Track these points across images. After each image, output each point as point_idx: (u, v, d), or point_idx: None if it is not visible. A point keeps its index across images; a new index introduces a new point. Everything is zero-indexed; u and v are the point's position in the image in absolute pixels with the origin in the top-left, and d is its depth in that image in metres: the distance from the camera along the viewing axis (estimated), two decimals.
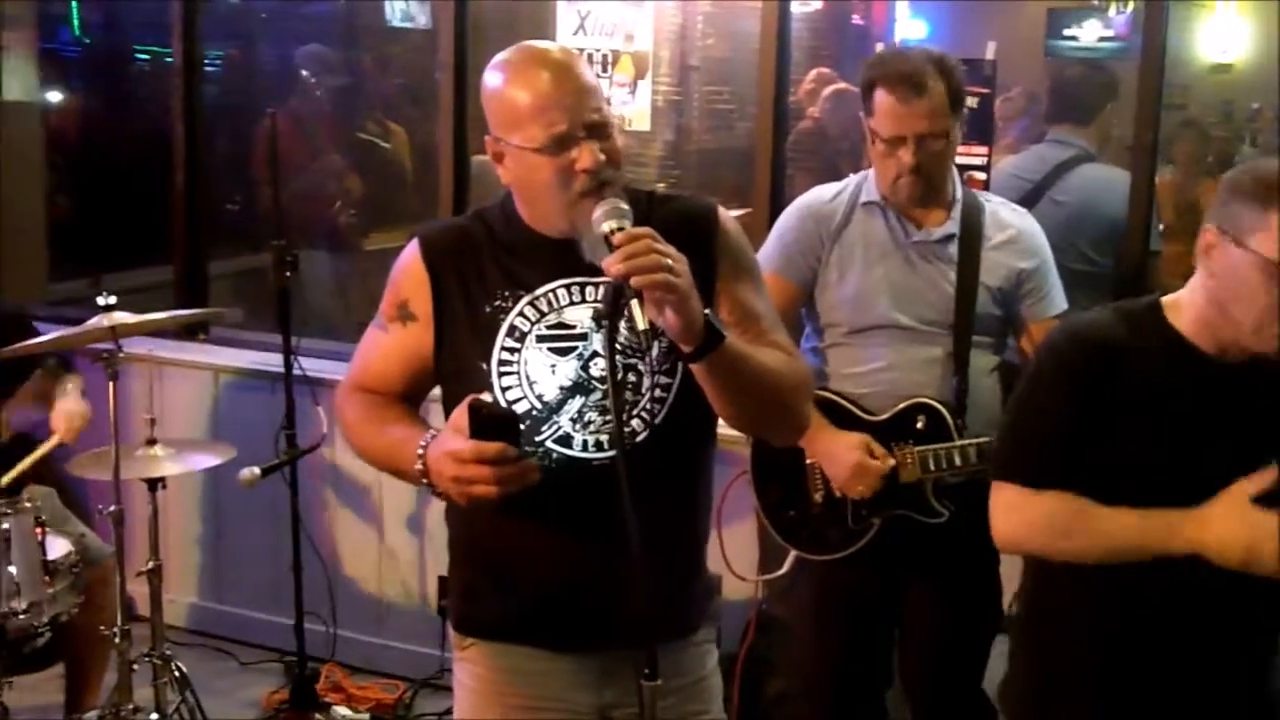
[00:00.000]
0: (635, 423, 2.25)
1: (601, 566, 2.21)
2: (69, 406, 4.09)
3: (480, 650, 2.42)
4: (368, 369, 2.43)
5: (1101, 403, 2.32)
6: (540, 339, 2.25)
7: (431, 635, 4.81)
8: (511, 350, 2.27)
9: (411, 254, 2.36)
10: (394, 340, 2.38)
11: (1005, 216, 3.30)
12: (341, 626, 4.81)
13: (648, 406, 2.25)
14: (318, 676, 4.63)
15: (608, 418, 2.23)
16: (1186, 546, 2.24)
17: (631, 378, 2.24)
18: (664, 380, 2.26)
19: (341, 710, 4.49)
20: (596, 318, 2.13)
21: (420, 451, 2.18)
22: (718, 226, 2.35)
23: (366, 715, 4.53)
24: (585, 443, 2.25)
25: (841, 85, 5.06)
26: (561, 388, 2.25)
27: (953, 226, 3.21)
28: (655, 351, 2.21)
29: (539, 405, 2.25)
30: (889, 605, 3.37)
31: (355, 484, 4.89)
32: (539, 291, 2.27)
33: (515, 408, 2.25)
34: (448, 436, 2.14)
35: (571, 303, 2.27)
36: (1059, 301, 3.32)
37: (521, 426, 2.15)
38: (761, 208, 4.30)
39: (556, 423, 2.24)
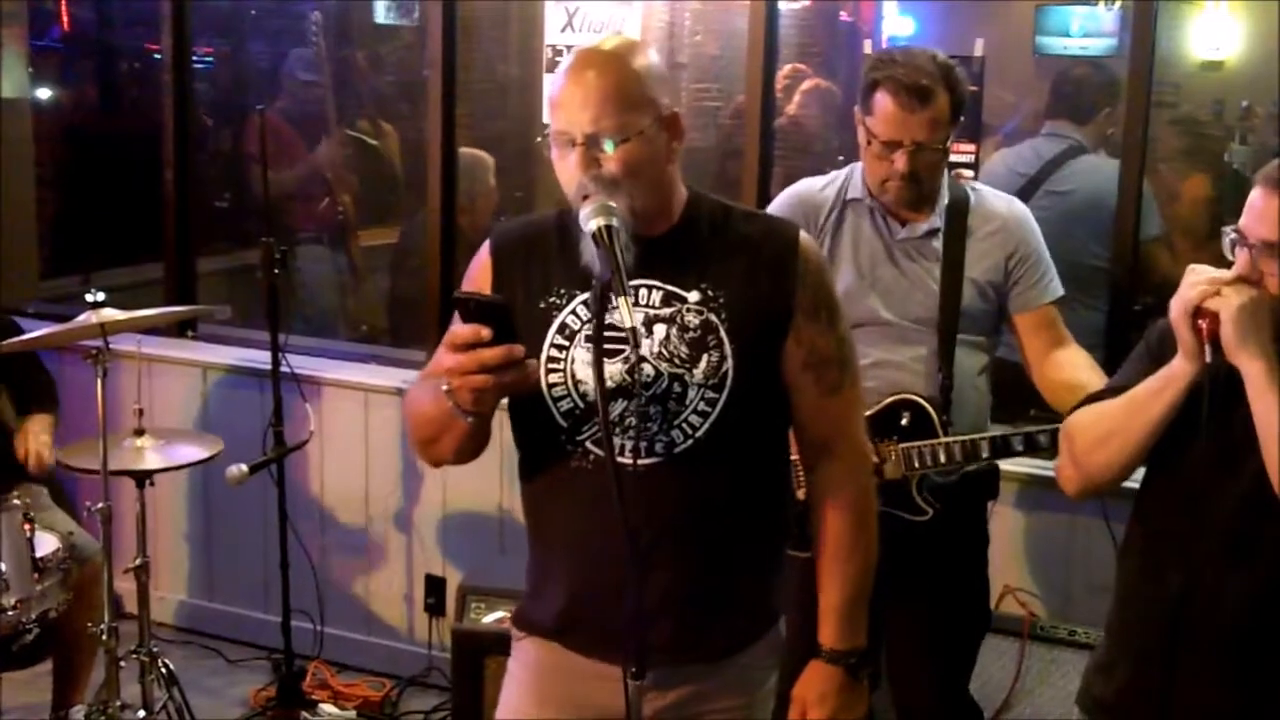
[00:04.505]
0: (676, 433, 2.23)
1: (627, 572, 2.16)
2: (42, 446, 4.09)
3: (530, 643, 2.43)
4: (438, 364, 2.34)
5: None
6: (589, 339, 2.21)
7: (418, 633, 4.83)
8: (560, 348, 2.26)
9: (483, 248, 2.39)
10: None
11: (992, 205, 3.27)
12: (329, 624, 4.81)
13: (690, 419, 2.23)
14: (305, 674, 4.64)
15: (648, 424, 2.22)
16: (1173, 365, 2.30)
17: (676, 388, 2.22)
18: (710, 395, 2.23)
19: (328, 708, 4.50)
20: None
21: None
22: (798, 253, 2.31)
23: (353, 713, 4.54)
24: (624, 446, 2.22)
25: (816, 81, 5.04)
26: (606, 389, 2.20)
27: (937, 221, 3.20)
28: (704, 364, 2.22)
29: (582, 405, 2.24)
30: (876, 605, 3.36)
31: (343, 482, 4.90)
32: None
33: (559, 406, 2.25)
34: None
35: None
36: (1053, 288, 3.27)
37: (508, 312, 2.06)
38: (749, 205, 4.29)
39: (598, 424, 2.19)
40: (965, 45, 4.10)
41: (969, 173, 3.98)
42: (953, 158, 3.76)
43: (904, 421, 3.17)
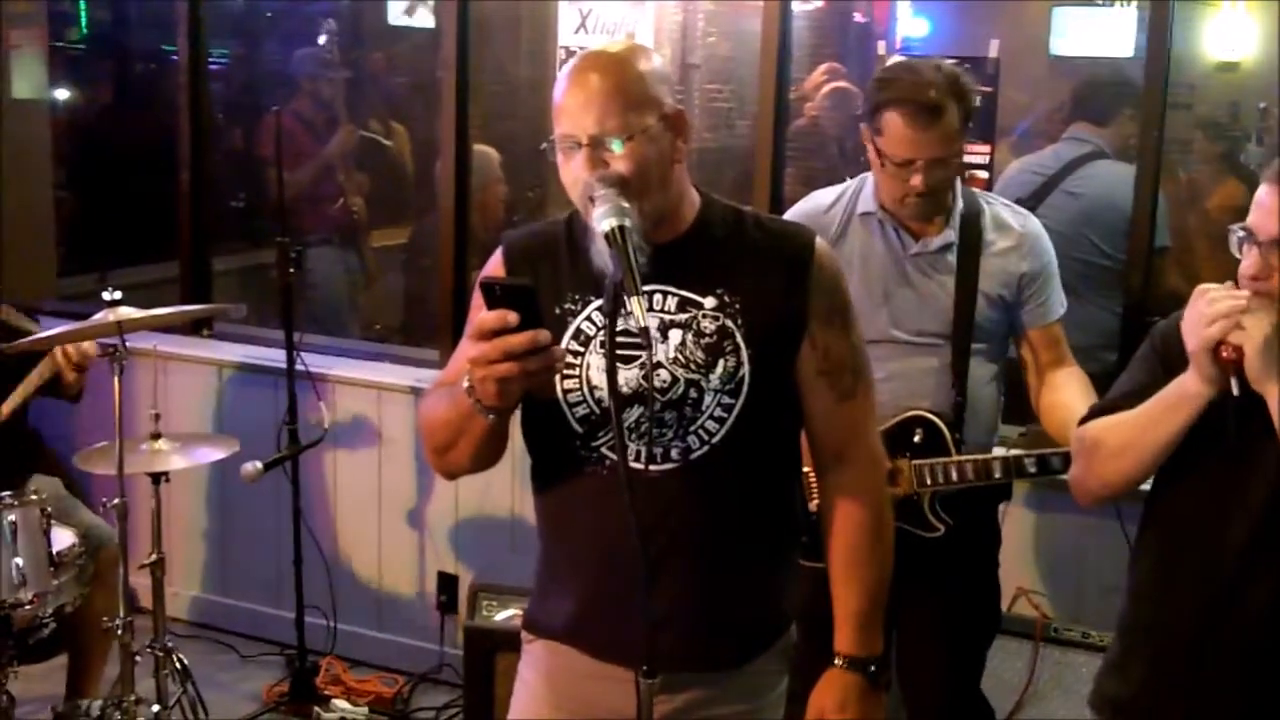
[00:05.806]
0: (692, 439, 2.22)
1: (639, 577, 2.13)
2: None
3: (540, 647, 2.42)
4: (453, 370, 2.34)
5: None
6: (604, 344, 2.16)
7: (430, 630, 4.84)
8: (575, 354, 2.24)
9: (495, 256, 2.37)
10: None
11: (1007, 220, 3.23)
12: (341, 620, 4.83)
13: (706, 425, 2.22)
14: (317, 670, 4.66)
15: (663, 430, 2.22)
16: (1188, 385, 2.30)
17: (692, 393, 2.22)
18: (726, 400, 2.22)
19: (341, 703, 4.50)
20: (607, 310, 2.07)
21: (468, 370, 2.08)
22: (813, 260, 2.30)
23: (365, 709, 4.55)
24: (640, 453, 2.21)
25: (840, 84, 5.04)
26: (622, 395, 2.19)
27: (951, 235, 3.17)
28: (720, 369, 2.21)
29: (598, 411, 2.22)
30: (887, 608, 3.37)
31: (356, 479, 4.91)
32: None
33: (575, 411, 2.23)
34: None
35: None
36: (1058, 308, 3.26)
37: (536, 296, 2.01)
38: (761, 207, 4.30)
39: (613, 430, 2.14)
40: (980, 46, 4.09)
41: (983, 174, 3.98)
42: (967, 158, 3.75)
43: (916, 438, 3.15)
